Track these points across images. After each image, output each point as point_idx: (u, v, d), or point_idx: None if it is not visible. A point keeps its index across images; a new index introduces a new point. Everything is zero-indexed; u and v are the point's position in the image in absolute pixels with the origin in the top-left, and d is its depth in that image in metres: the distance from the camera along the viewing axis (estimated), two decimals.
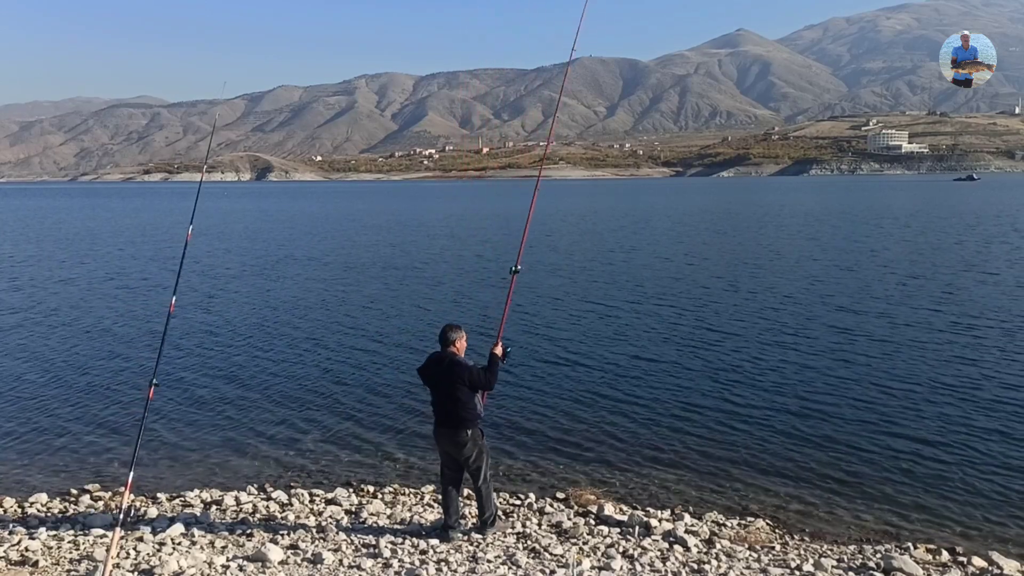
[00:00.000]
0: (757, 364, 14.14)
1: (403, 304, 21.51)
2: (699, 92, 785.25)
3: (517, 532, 7.50)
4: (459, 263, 31.24)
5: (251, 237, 46.67)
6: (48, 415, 11.84)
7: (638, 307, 20.31)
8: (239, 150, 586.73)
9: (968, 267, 26.54)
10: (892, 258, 30.08)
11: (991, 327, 16.76)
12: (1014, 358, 14.10)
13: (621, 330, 17.40)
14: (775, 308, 19.74)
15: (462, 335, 7.19)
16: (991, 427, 10.52)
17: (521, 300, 21.40)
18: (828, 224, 49.94)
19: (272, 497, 8.51)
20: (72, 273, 29.34)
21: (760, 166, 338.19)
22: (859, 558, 7.07)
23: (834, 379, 13.05)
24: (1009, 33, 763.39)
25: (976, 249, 32.33)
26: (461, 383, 6.87)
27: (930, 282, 23.54)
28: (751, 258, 31.27)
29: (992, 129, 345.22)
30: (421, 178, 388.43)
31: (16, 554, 6.92)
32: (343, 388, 13.17)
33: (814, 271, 26.70)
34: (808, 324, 17.62)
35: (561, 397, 12.35)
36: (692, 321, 18.28)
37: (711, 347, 15.56)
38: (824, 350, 15.07)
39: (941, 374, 13.19)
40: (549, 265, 29.60)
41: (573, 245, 38.51)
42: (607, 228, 50.41)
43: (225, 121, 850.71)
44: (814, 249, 34.34)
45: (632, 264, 29.92)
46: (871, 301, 20.47)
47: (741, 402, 11.91)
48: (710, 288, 23.28)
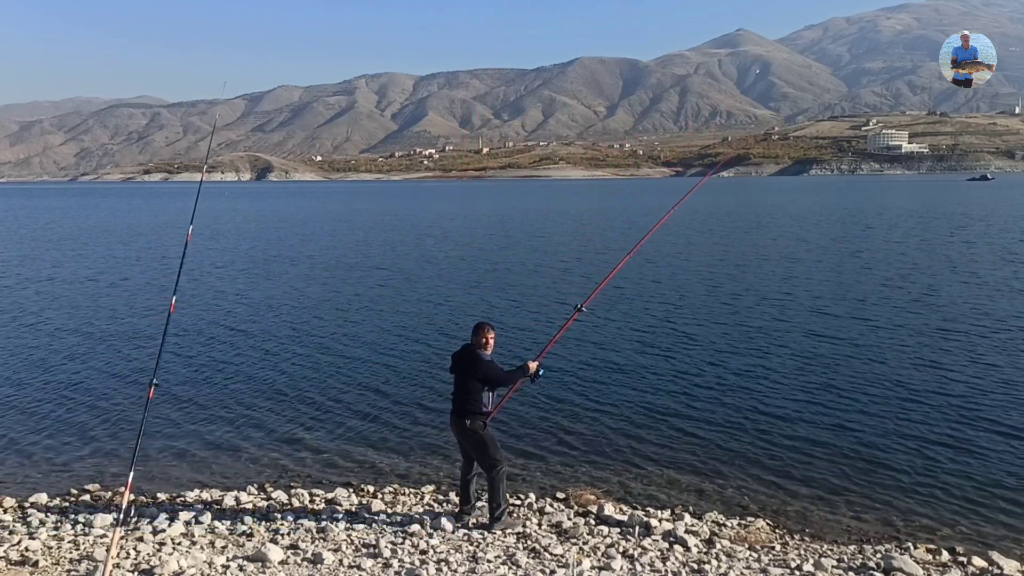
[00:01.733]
0: (757, 364, 14.12)
1: (403, 304, 21.50)
2: (699, 92, 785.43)
3: (517, 532, 7.50)
4: (461, 263, 31.23)
5: (251, 237, 46.65)
6: (48, 415, 11.83)
7: (638, 307, 20.30)
8: (239, 150, 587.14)
9: (987, 269, 26.52)
10: (922, 263, 30.03)
11: (994, 327, 16.75)
12: (1016, 358, 14.09)
13: (621, 330, 17.39)
14: (776, 309, 19.72)
15: (490, 332, 7.47)
16: (991, 427, 10.51)
17: (522, 300, 21.40)
18: (859, 226, 49.01)
19: (272, 497, 8.50)
20: (72, 273, 29.32)
21: (760, 166, 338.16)
22: (859, 558, 7.07)
23: (834, 379, 13.04)
24: (1009, 33, 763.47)
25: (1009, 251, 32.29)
26: (473, 375, 7.24)
27: (946, 283, 23.52)
28: (753, 259, 31.25)
29: (992, 129, 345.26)
30: (421, 178, 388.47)
31: (16, 554, 6.91)
32: (343, 388, 13.16)
33: (823, 273, 26.68)
34: (808, 324, 17.61)
35: (561, 397, 12.35)
36: (692, 321, 18.27)
37: (711, 347, 15.56)
38: (824, 351, 15.06)
39: (941, 374, 13.18)
40: (549, 265, 29.59)
41: (573, 245, 38.48)
42: (607, 229, 50.39)
43: (225, 121, 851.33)
44: (826, 252, 34.30)
45: (632, 264, 29.91)
46: (875, 304, 20.46)
47: (741, 402, 11.91)
48: (710, 289, 23.28)
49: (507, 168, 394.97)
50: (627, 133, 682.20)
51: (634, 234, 44.33)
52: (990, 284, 22.78)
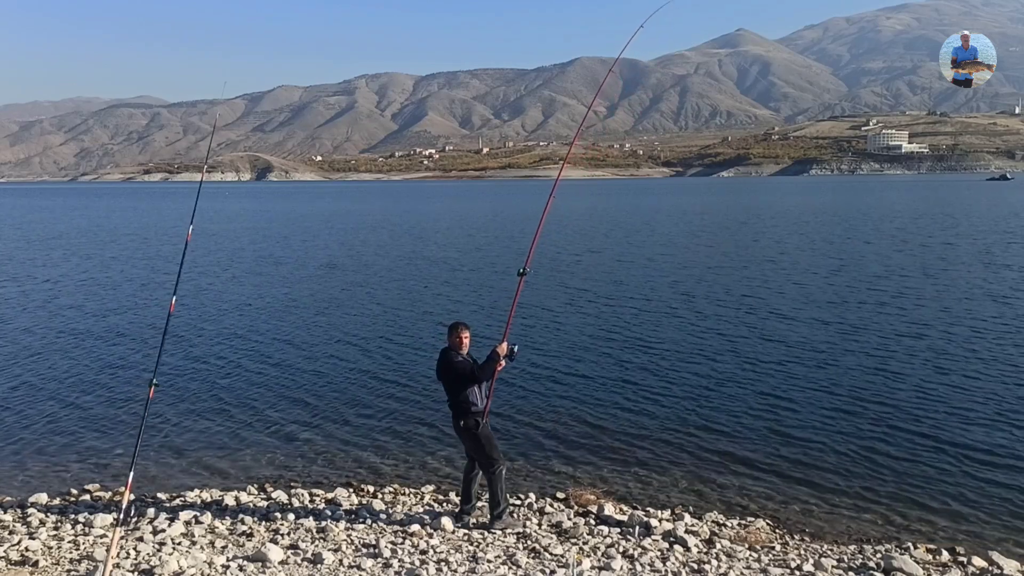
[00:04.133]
0: (758, 364, 14.12)
1: (404, 304, 21.50)
2: (699, 92, 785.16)
3: (517, 532, 7.51)
4: (462, 263, 31.23)
5: (250, 237, 46.65)
6: (48, 415, 11.83)
7: (639, 307, 20.30)
8: (239, 150, 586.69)
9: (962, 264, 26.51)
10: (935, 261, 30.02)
11: (997, 329, 16.75)
12: (1017, 358, 14.09)
13: (621, 330, 17.39)
14: (776, 309, 19.72)
15: (464, 331, 7.51)
16: (991, 427, 10.51)
17: (523, 300, 21.38)
18: (892, 228, 48.52)
19: (272, 497, 8.50)
20: (71, 273, 29.32)
21: (760, 166, 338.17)
22: (859, 558, 7.07)
23: (834, 380, 13.04)
24: (1009, 33, 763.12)
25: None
26: (451, 375, 7.37)
27: (946, 285, 23.53)
28: (755, 259, 31.25)
29: (992, 129, 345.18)
30: (421, 178, 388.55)
31: (16, 554, 6.91)
32: (343, 388, 13.17)
33: (826, 274, 26.69)
34: (808, 324, 17.62)
35: (561, 397, 12.35)
36: (692, 322, 18.27)
37: (711, 347, 15.55)
38: (824, 351, 15.06)
39: (941, 374, 13.18)
40: (551, 265, 29.58)
41: (574, 245, 38.49)
42: (607, 229, 50.41)
43: (225, 121, 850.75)
44: (840, 252, 34.30)
45: (633, 264, 29.91)
46: (879, 304, 20.46)
47: (742, 402, 11.91)
48: (710, 289, 23.27)
49: (507, 168, 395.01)
50: (627, 133, 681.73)
51: (636, 234, 44.30)
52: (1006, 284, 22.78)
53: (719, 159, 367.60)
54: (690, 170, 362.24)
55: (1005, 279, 23.68)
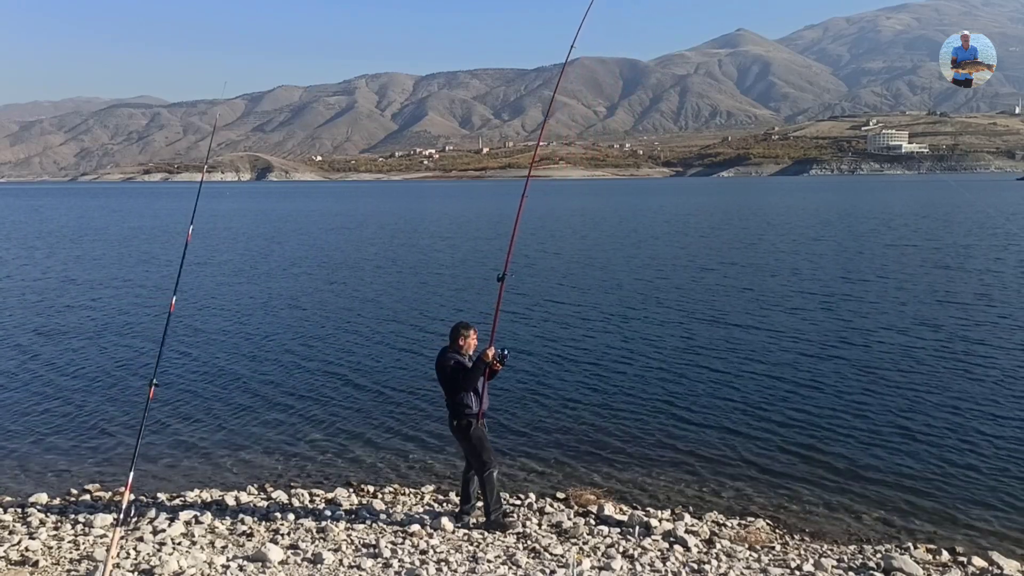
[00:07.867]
0: (758, 365, 14.12)
1: (404, 304, 21.50)
2: (699, 92, 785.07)
3: (517, 532, 7.50)
4: (463, 262, 31.22)
5: (250, 237, 46.63)
6: (48, 415, 11.83)
7: (638, 307, 20.30)
8: (239, 150, 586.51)
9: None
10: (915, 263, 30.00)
11: (1000, 329, 16.75)
12: (1018, 358, 14.09)
13: (621, 330, 17.39)
14: (776, 309, 19.72)
15: (468, 333, 7.50)
16: (991, 427, 10.51)
17: (522, 300, 21.38)
18: (932, 232, 48.10)
19: (272, 497, 8.50)
20: (70, 273, 29.32)
21: (760, 166, 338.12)
22: (859, 558, 7.07)
23: (834, 380, 13.04)
24: (1009, 33, 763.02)
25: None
26: (443, 376, 7.44)
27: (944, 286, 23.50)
28: (755, 260, 31.24)
29: (992, 129, 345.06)
30: (421, 178, 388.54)
31: (16, 554, 6.91)
32: (343, 388, 13.16)
33: (829, 274, 26.68)
34: (808, 324, 17.61)
35: (561, 397, 12.35)
36: (692, 322, 18.27)
37: (711, 347, 15.55)
38: (824, 351, 15.05)
39: (941, 374, 13.18)
40: (548, 266, 29.59)
41: (572, 245, 38.48)
42: (606, 229, 50.38)
43: (225, 121, 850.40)
44: (860, 255, 34.27)
45: (632, 264, 29.90)
46: (876, 306, 20.46)
47: (742, 402, 11.91)
48: (710, 289, 23.27)
49: (507, 168, 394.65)
50: (627, 133, 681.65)
51: (634, 233, 44.32)
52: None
53: (719, 159, 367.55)
54: (690, 170, 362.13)
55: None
